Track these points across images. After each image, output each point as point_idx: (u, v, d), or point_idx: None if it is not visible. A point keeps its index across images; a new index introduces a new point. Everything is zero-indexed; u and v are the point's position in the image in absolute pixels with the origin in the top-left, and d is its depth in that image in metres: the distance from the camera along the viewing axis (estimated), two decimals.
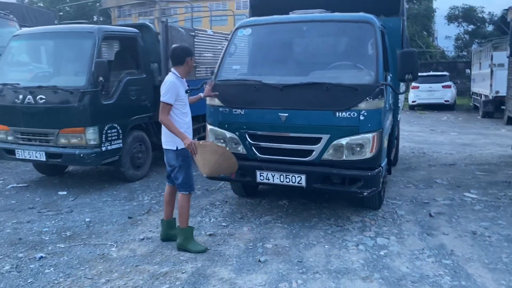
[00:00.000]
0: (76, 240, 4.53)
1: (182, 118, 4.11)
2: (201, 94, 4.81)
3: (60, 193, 6.28)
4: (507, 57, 9.35)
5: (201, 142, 4.08)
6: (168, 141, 4.14)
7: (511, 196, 5.88)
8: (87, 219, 5.14)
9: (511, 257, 3.98)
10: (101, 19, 32.55)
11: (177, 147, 4.11)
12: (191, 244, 4.20)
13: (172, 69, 4.18)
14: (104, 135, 6.20)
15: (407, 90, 5.29)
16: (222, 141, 4.89)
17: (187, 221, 4.24)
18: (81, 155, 6.05)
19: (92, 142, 6.10)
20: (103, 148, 6.20)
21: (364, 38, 4.80)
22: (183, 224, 4.24)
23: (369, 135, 4.37)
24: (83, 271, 3.82)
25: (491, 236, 4.49)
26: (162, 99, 4.01)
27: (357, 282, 3.55)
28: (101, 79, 5.93)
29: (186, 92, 4.19)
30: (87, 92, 5.97)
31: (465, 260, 3.94)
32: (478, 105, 17.86)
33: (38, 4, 41.99)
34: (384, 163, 4.81)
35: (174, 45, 4.38)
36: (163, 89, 4.03)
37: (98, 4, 36.83)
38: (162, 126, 4.10)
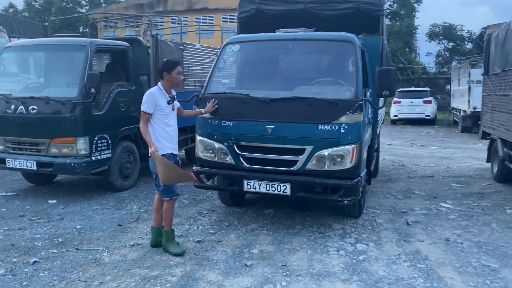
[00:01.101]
0: (68, 246, 4.68)
1: (163, 128, 4.39)
2: (202, 110, 5.01)
3: (50, 201, 6.40)
4: (481, 74, 9.79)
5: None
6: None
7: (484, 206, 6.21)
8: (78, 226, 5.29)
9: (480, 262, 4.27)
10: (87, 30, 32.62)
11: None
12: (171, 246, 4.43)
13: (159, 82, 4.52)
14: (94, 145, 6.38)
15: (383, 105, 5.60)
16: (211, 151, 5.12)
17: (169, 224, 4.50)
18: (72, 164, 6.21)
19: (82, 152, 6.26)
20: (93, 158, 6.37)
21: (345, 56, 5.12)
22: (166, 226, 4.51)
23: (349, 147, 4.66)
24: (76, 275, 3.98)
25: (463, 242, 4.78)
26: (141, 108, 4.37)
27: (337, 284, 3.79)
28: (92, 90, 6.12)
29: (168, 103, 4.42)
30: (78, 103, 6.15)
31: (438, 264, 4.22)
32: (457, 120, 18.42)
33: (23, 14, 41.88)
34: (363, 173, 5.10)
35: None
36: (143, 99, 4.38)
37: (84, 16, 36.91)
38: None
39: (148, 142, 4.33)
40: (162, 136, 4.38)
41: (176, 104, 4.65)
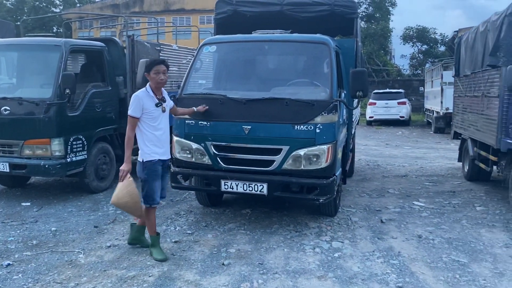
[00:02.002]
0: (43, 248, 4.62)
1: (152, 132, 4.21)
2: (195, 108, 4.92)
3: (24, 204, 6.29)
4: (452, 76, 10.09)
5: (130, 178, 4.18)
6: (139, 153, 4.30)
7: (455, 204, 6.41)
8: (53, 228, 5.22)
9: (450, 257, 4.41)
10: (61, 30, 32.04)
11: (143, 160, 4.25)
12: (155, 251, 4.39)
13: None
14: (69, 147, 6.30)
15: (357, 106, 5.71)
16: (188, 152, 5.13)
17: (151, 230, 4.43)
18: (46, 166, 6.11)
19: (57, 153, 6.18)
20: (68, 159, 6.29)
21: (320, 58, 5.22)
22: (149, 232, 4.46)
23: (325, 147, 4.75)
24: (51, 277, 3.93)
25: (434, 239, 4.93)
26: (128, 112, 4.21)
27: (313, 281, 3.86)
28: (67, 91, 6.04)
29: (156, 106, 4.23)
30: (53, 104, 6.07)
31: (410, 260, 4.34)
32: (430, 121, 18.87)
33: None
34: (338, 172, 5.20)
35: None
36: (130, 102, 4.23)
37: (58, 16, 36.21)
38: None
39: (126, 155, 4.17)
40: (150, 141, 4.21)
41: (169, 104, 4.48)
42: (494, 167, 6.97)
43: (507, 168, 6.19)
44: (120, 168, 4.19)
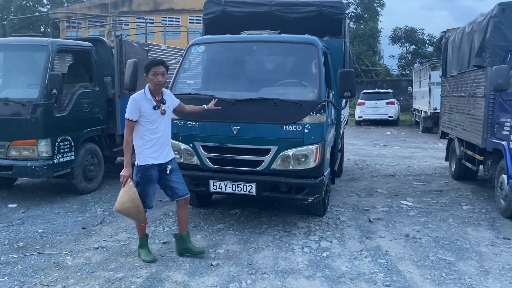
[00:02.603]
0: (30, 250, 4.57)
1: (149, 136, 4.08)
2: (205, 106, 4.79)
3: (10, 205, 6.22)
4: (440, 76, 10.20)
5: (130, 183, 4.06)
6: (135, 156, 4.18)
7: (442, 203, 6.48)
8: (40, 230, 5.17)
9: (437, 255, 4.46)
10: (48, 30, 31.72)
11: (137, 163, 4.16)
12: (143, 253, 4.34)
13: None
14: (56, 147, 6.24)
15: (346, 106, 5.70)
16: (176, 152, 5.11)
17: (140, 232, 4.40)
18: (33, 167, 6.05)
19: (44, 154, 6.12)
20: (55, 160, 6.24)
21: (308, 58, 5.23)
22: (138, 234, 4.45)
23: (313, 147, 4.77)
24: (38, 279, 3.89)
25: (421, 238, 4.98)
26: (125, 115, 4.08)
27: (301, 281, 3.87)
28: (54, 91, 5.99)
29: (154, 108, 4.07)
30: (40, 104, 6.01)
31: (398, 259, 4.38)
32: (419, 120, 19.05)
33: None
34: (327, 172, 5.23)
35: None
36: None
37: (45, 15, 35.84)
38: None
39: (125, 160, 4.03)
40: (145, 145, 4.08)
41: (173, 103, 4.36)
42: (481, 167, 7.07)
43: (492, 167, 6.27)
44: (120, 173, 4.05)
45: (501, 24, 6.10)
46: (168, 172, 4.23)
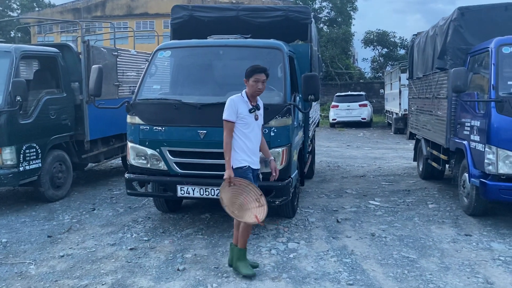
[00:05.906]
0: None
1: (242, 139, 3.99)
2: (272, 158, 4.41)
3: None
4: (407, 79, 10.44)
5: (232, 184, 3.95)
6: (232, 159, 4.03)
7: (409, 202, 6.63)
8: (4, 240, 5.06)
9: (400, 253, 4.57)
10: (19, 35, 31.09)
11: (233, 166, 4.00)
12: (242, 266, 4.05)
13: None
14: (22, 155, 6.14)
15: (310, 109, 5.71)
16: (143, 157, 5.09)
17: (242, 243, 4.13)
18: None
19: (9, 162, 6.01)
20: (21, 168, 6.13)
21: (274, 63, 5.29)
22: (239, 245, 4.15)
23: (279, 149, 4.83)
24: None
25: (387, 236, 5.09)
26: (223, 116, 4.00)
27: (267, 282, 3.91)
28: (18, 98, 5.89)
29: (250, 111, 3.99)
30: (3, 111, 5.90)
31: (363, 258, 4.47)
32: (391, 122, 19.41)
33: None
34: (294, 174, 5.29)
35: None
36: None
37: (16, 20, 35.09)
38: None
39: (226, 162, 3.94)
40: (240, 147, 3.98)
41: (262, 114, 4.19)
42: (446, 166, 7.26)
43: (456, 166, 6.46)
44: (224, 177, 3.94)
45: (461, 28, 6.31)
46: (256, 179, 4.13)
